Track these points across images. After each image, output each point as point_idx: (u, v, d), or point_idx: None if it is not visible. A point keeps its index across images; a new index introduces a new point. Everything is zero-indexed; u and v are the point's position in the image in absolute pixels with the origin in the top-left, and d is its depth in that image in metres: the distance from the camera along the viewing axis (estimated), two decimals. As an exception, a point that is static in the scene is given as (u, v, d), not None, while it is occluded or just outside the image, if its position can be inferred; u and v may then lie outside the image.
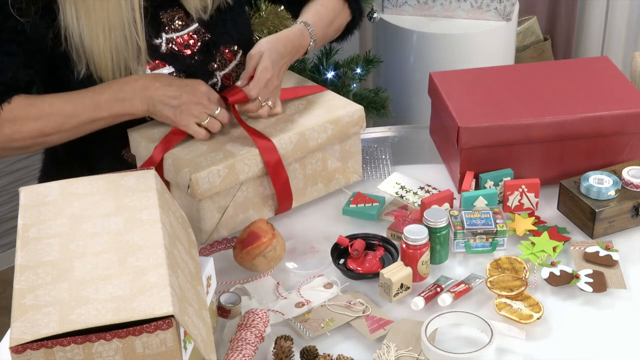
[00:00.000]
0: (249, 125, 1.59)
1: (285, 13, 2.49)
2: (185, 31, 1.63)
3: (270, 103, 1.62)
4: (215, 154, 1.54)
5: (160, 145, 1.56)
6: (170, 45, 1.62)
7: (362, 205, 1.65)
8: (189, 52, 1.64)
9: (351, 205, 1.66)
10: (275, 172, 1.57)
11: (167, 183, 1.57)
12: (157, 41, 1.61)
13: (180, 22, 1.63)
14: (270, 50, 1.60)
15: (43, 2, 1.48)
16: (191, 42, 1.63)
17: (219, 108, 1.57)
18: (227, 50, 1.69)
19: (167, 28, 1.62)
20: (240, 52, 1.72)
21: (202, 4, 1.63)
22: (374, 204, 1.65)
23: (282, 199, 1.62)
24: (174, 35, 1.62)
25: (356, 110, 1.65)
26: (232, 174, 1.53)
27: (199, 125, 1.56)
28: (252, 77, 1.59)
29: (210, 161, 1.52)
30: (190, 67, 1.64)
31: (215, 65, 1.68)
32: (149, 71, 1.59)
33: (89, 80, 1.55)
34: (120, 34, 1.51)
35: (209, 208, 1.55)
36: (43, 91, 1.60)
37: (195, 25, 1.64)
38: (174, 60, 1.62)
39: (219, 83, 1.70)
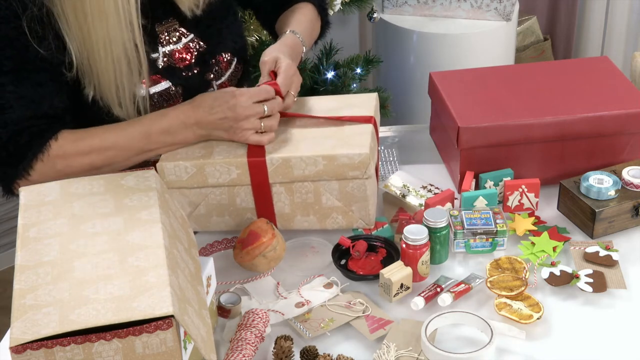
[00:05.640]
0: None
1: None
2: (182, 43, 1.61)
3: (293, 92, 1.60)
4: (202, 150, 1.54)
5: None
6: (167, 59, 1.60)
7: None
8: (186, 64, 1.62)
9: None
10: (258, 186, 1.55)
11: None
12: (154, 55, 1.58)
13: (175, 34, 1.61)
14: (284, 53, 1.61)
15: (54, 30, 1.45)
16: (188, 55, 1.62)
17: (265, 106, 1.52)
18: (222, 60, 1.68)
19: (163, 41, 1.60)
20: (235, 60, 1.72)
21: (195, 2, 1.60)
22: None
23: (262, 215, 1.58)
24: (171, 48, 1.60)
25: (358, 155, 1.49)
26: (201, 173, 1.52)
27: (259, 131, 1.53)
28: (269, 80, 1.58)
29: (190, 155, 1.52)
30: (188, 79, 1.62)
31: (212, 76, 1.67)
32: (143, 88, 1.55)
33: (96, 103, 1.52)
34: (120, 50, 1.47)
35: None
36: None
37: (191, 36, 1.63)
38: (171, 74, 1.60)
39: None
